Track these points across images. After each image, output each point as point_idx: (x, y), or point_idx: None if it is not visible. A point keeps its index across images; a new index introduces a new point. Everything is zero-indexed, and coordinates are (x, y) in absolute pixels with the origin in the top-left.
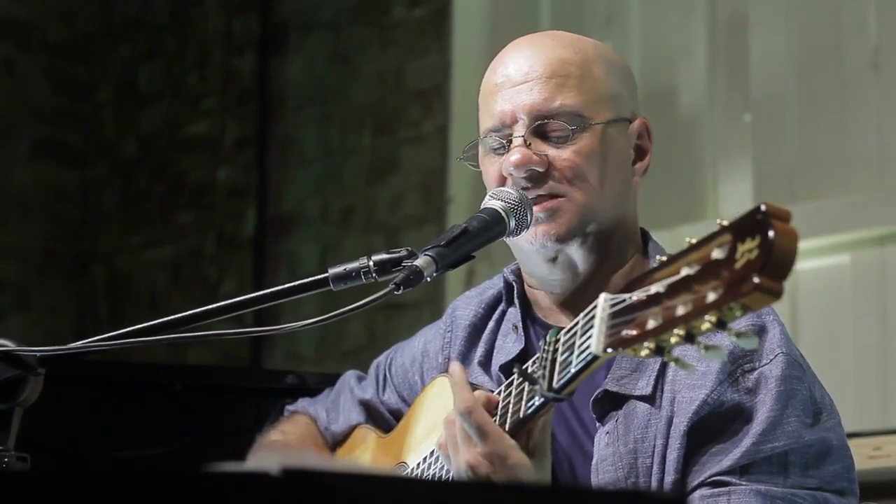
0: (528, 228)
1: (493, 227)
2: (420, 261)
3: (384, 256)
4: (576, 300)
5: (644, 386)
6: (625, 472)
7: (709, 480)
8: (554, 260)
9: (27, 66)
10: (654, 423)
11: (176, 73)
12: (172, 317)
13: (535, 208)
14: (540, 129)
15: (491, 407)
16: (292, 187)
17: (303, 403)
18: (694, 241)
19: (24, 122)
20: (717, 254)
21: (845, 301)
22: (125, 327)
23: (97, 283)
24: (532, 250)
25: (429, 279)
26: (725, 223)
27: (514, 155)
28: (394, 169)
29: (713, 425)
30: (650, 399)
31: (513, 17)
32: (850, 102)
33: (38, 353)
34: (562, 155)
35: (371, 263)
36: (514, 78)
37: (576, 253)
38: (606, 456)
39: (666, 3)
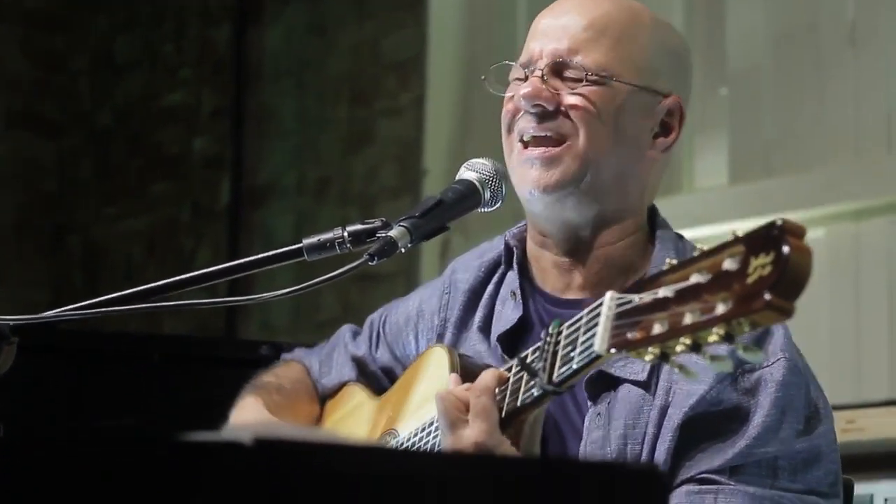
0: (502, 200)
1: (467, 199)
2: (394, 231)
3: (358, 227)
4: (575, 267)
5: (640, 371)
6: (613, 456)
7: (697, 477)
8: (551, 210)
9: (2, 36)
10: (647, 409)
11: (152, 43)
12: (146, 286)
13: (534, 152)
14: (559, 68)
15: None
16: (268, 158)
17: (299, 353)
18: (706, 248)
19: None
20: (728, 264)
21: (820, 275)
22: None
23: (73, 253)
24: (524, 199)
25: (403, 250)
26: (739, 234)
27: (526, 87)
28: (370, 140)
29: (708, 422)
30: (645, 385)
31: None
32: (827, 77)
33: (10, 322)
34: (575, 97)
35: (345, 234)
36: (554, 23)
37: (571, 210)
38: (596, 438)
39: None
